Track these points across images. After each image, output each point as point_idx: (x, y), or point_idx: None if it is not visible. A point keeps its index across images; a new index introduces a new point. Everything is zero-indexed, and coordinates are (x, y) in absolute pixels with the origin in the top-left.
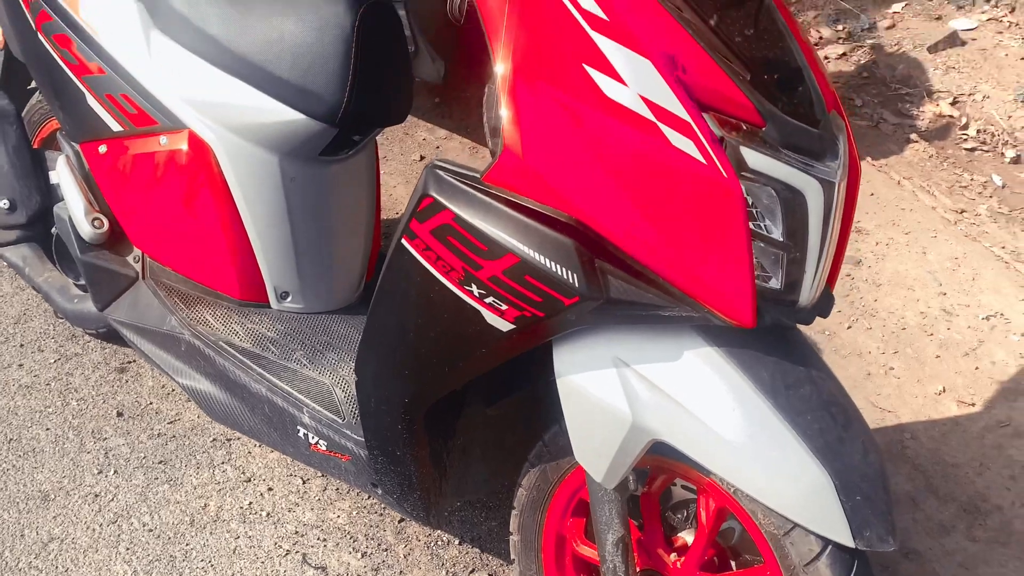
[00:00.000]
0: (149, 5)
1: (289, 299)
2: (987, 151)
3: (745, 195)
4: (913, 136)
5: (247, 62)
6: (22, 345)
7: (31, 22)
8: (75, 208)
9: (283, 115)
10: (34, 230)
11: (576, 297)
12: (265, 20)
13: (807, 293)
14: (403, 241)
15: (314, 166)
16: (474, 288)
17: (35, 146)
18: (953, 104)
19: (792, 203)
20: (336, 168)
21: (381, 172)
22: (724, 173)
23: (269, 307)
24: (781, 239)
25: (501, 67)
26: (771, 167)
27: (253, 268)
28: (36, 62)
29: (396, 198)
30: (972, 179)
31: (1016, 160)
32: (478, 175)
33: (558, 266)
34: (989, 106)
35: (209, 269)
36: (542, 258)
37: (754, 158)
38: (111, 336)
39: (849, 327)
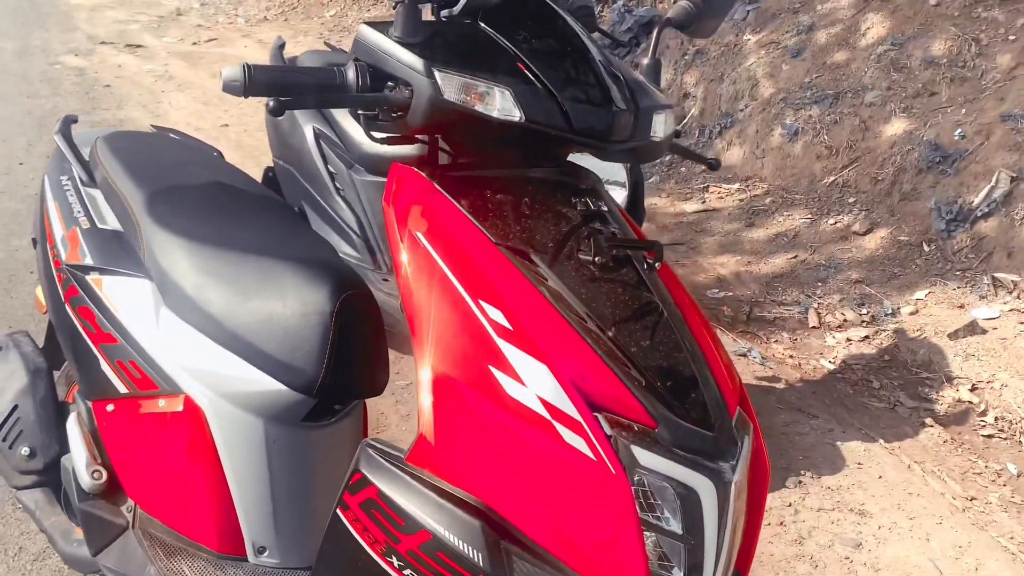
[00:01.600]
0: (161, 286)
1: (266, 554)
2: (1004, 439)
3: (646, 488)
4: (929, 420)
5: (240, 338)
6: None
7: (61, 294)
8: (78, 459)
9: (268, 385)
10: (49, 476)
11: (481, 575)
12: (258, 303)
13: None
14: (338, 511)
15: (297, 430)
16: (394, 560)
17: (68, 399)
18: (972, 390)
19: (688, 499)
20: (318, 433)
21: (393, 429)
22: (612, 469)
23: (246, 560)
24: (680, 531)
25: (422, 363)
26: (662, 465)
27: (233, 523)
28: (61, 328)
29: None
30: (986, 466)
31: None
32: (403, 455)
33: (466, 545)
34: (1008, 395)
35: (191, 521)
36: (452, 537)
37: (646, 457)
38: None
39: None
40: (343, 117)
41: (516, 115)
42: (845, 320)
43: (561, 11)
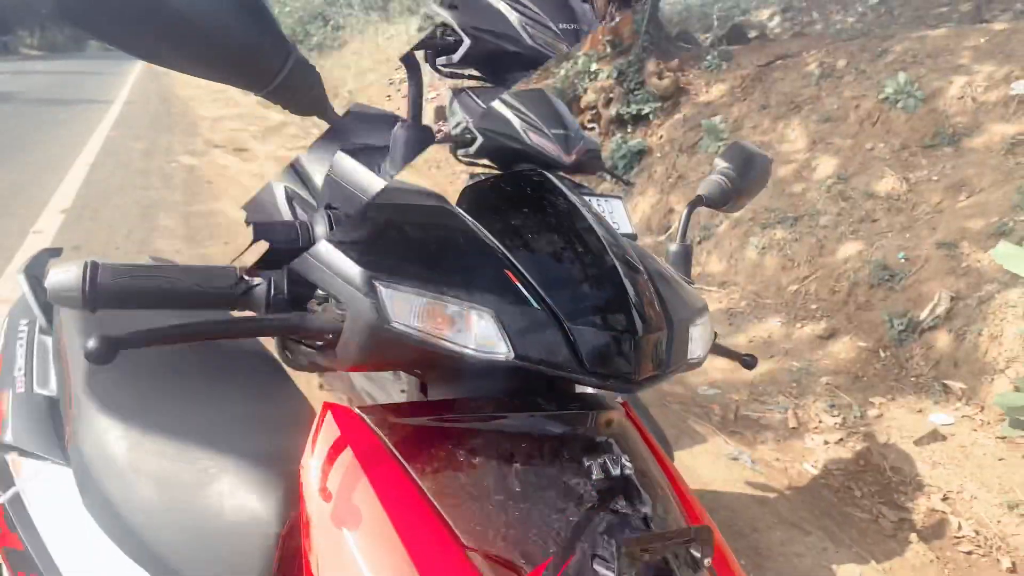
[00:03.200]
0: (80, 481)
1: None
2: (983, 555)
3: None
4: (912, 536)
5: (162, 562)
6: None
7: None
8: None
9: None
10: None
11: None
12: (188, 514)
13: None
14: None
15: None
16: None
17: None
18: (944, 500)
19: None
20: None
21: None
22: None
23: None
24: None
25: None
26: None
27: None
28: None
29: None
30: None
31: (1012, 570)
32: None
33: None
34: (978, 507)
35: None
36: None
37: None
38: None
39: None
40: (318, 173)
41: (502, 350)
42: (821, 422)
43: (559, 182)
